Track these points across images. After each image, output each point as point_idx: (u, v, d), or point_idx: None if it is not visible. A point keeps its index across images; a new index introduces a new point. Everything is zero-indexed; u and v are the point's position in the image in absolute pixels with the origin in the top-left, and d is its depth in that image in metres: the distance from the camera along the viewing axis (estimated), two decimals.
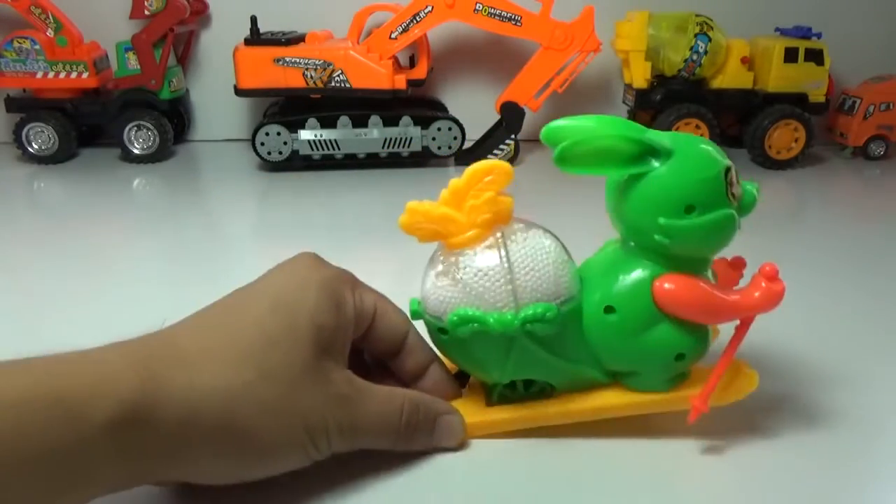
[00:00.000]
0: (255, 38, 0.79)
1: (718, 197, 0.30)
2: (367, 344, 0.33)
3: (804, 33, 0.84)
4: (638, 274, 0.32)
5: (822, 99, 0.85)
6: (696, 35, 0.81)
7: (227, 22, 0.91)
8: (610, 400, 0.33)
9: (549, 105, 0.91)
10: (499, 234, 0.31)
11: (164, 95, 0.85)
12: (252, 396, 0.27)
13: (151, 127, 0.83)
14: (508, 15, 0.79)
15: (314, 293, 0.30)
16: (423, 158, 0.83)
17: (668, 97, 0.84)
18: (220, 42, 0.90)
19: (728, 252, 0.34)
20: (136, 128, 0.83)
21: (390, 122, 0.80)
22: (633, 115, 0.94)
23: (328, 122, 0.80)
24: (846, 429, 0.35)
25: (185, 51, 0.92)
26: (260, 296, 0.30)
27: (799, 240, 0.64)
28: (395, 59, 0.82)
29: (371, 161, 0.82)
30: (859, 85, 0.90)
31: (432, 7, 0.78)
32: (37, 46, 0.81)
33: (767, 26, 0.89)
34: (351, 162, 0.81)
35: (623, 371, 0.33)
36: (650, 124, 0.89)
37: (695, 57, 0.81)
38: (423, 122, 0.81)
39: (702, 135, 0.83)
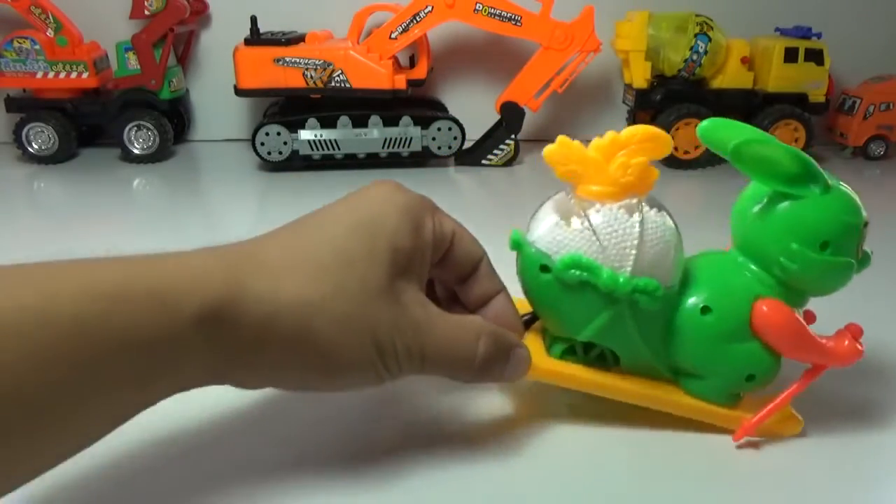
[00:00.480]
0: (255, 38, 0.79)
1: (851, 245, 0.32)
2: (441, 269, 0.33)
3: (804, 33, 0.84)
4: (743, 287, 0.32)
5: (822, 99, 0.85)
6: (696, 35, 0.81)
7: (227, 22, 0.91)
8: (667, 394, 0.34)
9: (549, 105, 0.91)
10: (637, 200, 0.31)
11: (164, 95, 0.85)
12: (326, 309, 0.28)
13: (151, 127, 0.83)
14: (508, 15, 0.79)
15: (394, 216, 0.30)
16: (423, 158, 0.83)
17: (668, 97, 0.84)
18: (220, 42, 0.90)
19: None
20: (136, 128, 0.83)
21: (390, 122, 0.80)
22: (633, 115, 0.94)
23: (328, 122, 0.80)
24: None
25: (185, 51, 0.92)
26: (340, 216, 0.31)
27: None
28: (395, 59, 0.82)
29: (371, 161, 0.82)
30: (859, 85, 0.90)
31: (432, 7, 0.78)
32: (37, 46, 0.81)
33: (767, 26, 0.89)
34: (351, 162, 0.81)
35: (691, 372, 0.34)
36: (650, 124, 0.89)
37: (695, 57, 0.81)
38: (423, 122, 0.81)
39: None
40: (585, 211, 0.31)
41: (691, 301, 0.32)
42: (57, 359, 0.23)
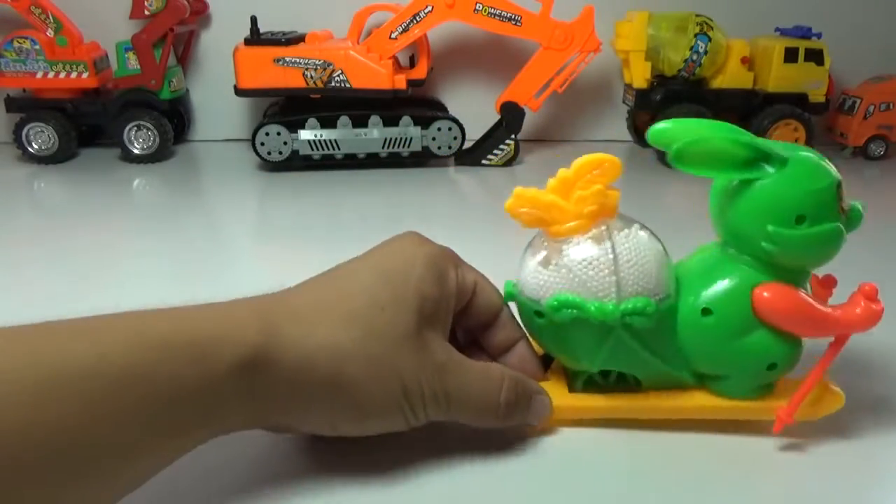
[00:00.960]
0: (255, 38, 0.79)
1: (829, 209, 0.30)
2: (464, 318, 0.35)
3: (804, 33, 0.84)
4: (738, 279, 0.32)
5: (822, 99, 0.85)
6: (696, 35, 0.81)
7: (227, 22, 0.91)
8: (695, 401, 0.34)
9: (549, 105, 0.91)
10: (604, 227, 0.32)
11: (164, 95, 0.85)
12: (358, 353, 0.29)
13: (151, 127, 0.83)
14: (508, 15, 0.79)
15: (420, 266, 0.31)
16: (423, 158, 0.83)
17: (668, 97, 0.84)
18: (220, 42, 0.90)
19: None
20: (136, 128, 0.83)
21: (390, 122, 0.80)
22: (633, 115, 0.94)
23: (328, 122, 0.80)
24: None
25: (185, 51, 0.92)
26: (369, 266, 0.32)
27: None
28: (395, 59, 0.82)
29: (371, 161, 0.82)
30: (859, 85, 0.90)
31: (432, 7, 0.78)
32: (37, 46, 0.81)
33: (767, 26, 0.89)
34: (351, 162, 0.81)
35: (712, 374, 0.33)
36: (650, 124, 0.89)
37: (695, 57, 0.81)
38: (423, 122, 0.81)
39: None
40: (559, 250, 0.32)
41: (690, 304, 0.32)
42: (109, 410, 0.24)
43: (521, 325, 0.35)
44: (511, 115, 0.83)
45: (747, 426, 0.34)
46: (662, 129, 0.31)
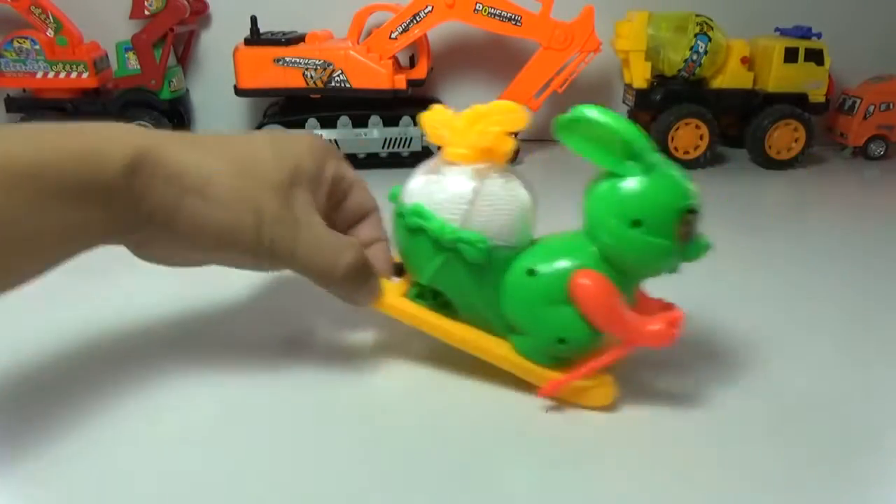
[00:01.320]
0: (255, 38, 0.79)
1: (666, 228, 0.33)
2: (339, 212, 0.40)
3: (804, 33, 0.84)
4: (572, 259, 0.35)
5: (822, 99, 0.85)
6: (696, 35, 0.81)
7: (227, 22, 0.91)
8: (494, 347, 0.37)
9: (549, 105, 0.91)
10: (486, 167, 0.35)
11: (164, 95, 0.85)
12: (226, 179, 0.33)
13: (151, 127, 0.83)
14: (508, 15, 0.79)
15: (306, 145, 0.37)
16: (423, 158, 0.82)
17: (668, 97, 0.84)
18: (220, 42, 0.90)
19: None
20: None
21: (390, 121, 0.80)
22: (632, 115, 0.94)
23: (328, 122, 0.80)
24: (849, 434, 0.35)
25: (185, 51, 0.92)
26: (261, 135, 0.38)
27: (798, 240, 0.64)
28: (395, 59, 0.82)
29: (371, 161, 0.82)
30: (859, 85, 0.90)
31: (432, 7, 0.78)
32: (37, 46, 0.81)
33: (767, 26, 0.89)
34: (351, 162, 0.81)
35: (517, 329, 0.36)
36: (650, 124, 0.89)
37: (695, 57, 0.81)
38: None
39: (701, 135, 0.83)
40: (440, 169, 0.36)
41: (524, 262, 0.36)
42: (15, 201, 0.28)
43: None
44: None
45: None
46: (573, 114, 0.35)
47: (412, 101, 0.84)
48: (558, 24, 0.79)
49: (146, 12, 0.82)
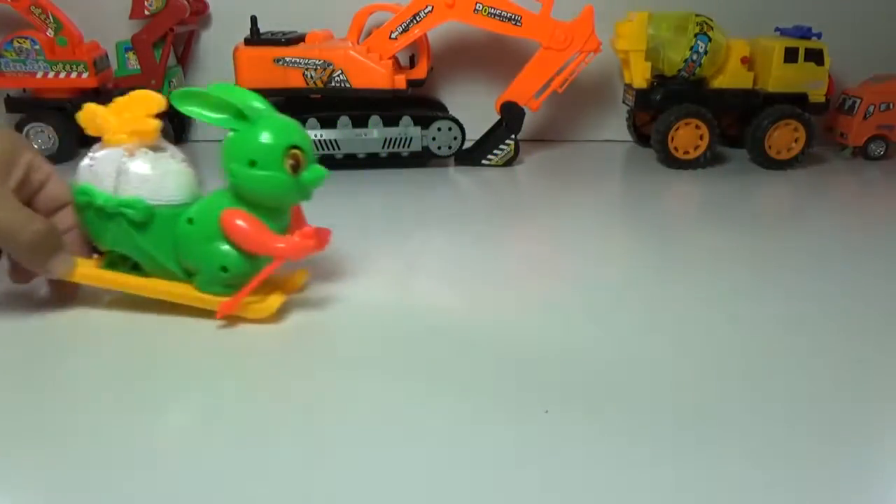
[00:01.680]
0: (255, 38, 0.79)
1: (275, 162, 0.42)
2: (36, 202, 0.44)
3: (804, 33, 0.84)
4: (217, 203, 0.43)
5: (822, 99, 0.85)
6: (696, 35, 0.81)
7: (227, 22, 0.91)
8: (178, 289, 0.45)
9: (549, 105, 0.91)
10: (135, 144, 0.43)
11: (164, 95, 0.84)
12: None
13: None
14: (508, 15, 0.79)
15: (5, 130, 0.43)
16: (423, 158, 0.83)
17: (668, 97, 0.84)
18: (220, 42, 0.90)
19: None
20: None
21: (390, 122, 0.80)
22: (633, 115, 0.95)
23: (328, 122, 0.80)
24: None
25: (185, 51, 0.92)
26: None
27: (799, 240, 0.64)
28: (395, 59, 0.82)
29: (371, 161, 0.82)
30: (859, 85, 0.90)
31: (432, 7, 0.78)
32: (37, 46, 0.81)
33: (767, 26, 0.89)
34: (351, 162, 0.81)
35: (192, 270, 0.44)
36: (650, 124, 0.89)
37: (695, 57, 0.81)
38: (424, 122, 0.81)
39: (701, 135, 0.83)
40: (96, 152, 0.44)
41: (184, 216, 0.43)
42: None
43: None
44: (511, 115, 0.83)
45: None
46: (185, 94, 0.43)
47: (412, 101, 0.84)
48: (558, 24, 0.79)
49: (146, 12, 0.82)
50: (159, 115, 0.44)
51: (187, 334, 0.44)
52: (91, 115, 0.44)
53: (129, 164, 0.43)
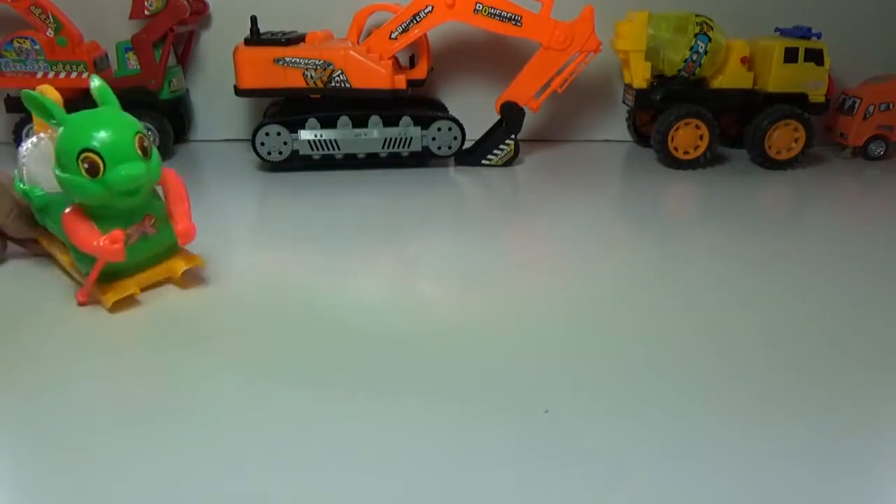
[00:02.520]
0: (255, 38, 0.79)
1: (71, 165, 0.43)
2: None
3: (804, 33, 0.84)
4: (69, 200, 0.46)
5: (822, 99, 0.85)
6: (696, 35, 0.81)
7: (227, 22, 0.91)
8: (66, 260, 0.50)
9: (549, 105, 0.91)
10: (45, 134, 0.50)
11: (164, 95, 0.85)
12: None
13: (152, 127, 0.83)
14: (509, 15, 0.79)
15: None
16: (423, 158, 0.83)
17: (668, 97, 0.84)
18: (220, 42, 0.90)
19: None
20: None
21: (390, 122, 0.80)
22: (632, 115, 0.94)
23: (328, 122, 0.80)
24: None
25: (185, 51, 0.91)
26: None
27: (798, 240, 0.64)
28: (395, 59, 0.82)
29: (371, 161, 0.82)
30: (859, 85, 0.90)
31: (432, 7, 0.78)
32: (37, 46, 0.81)
33: (767, 26, 0.89)
34: (351, 162, 0.81)
35: None
36: (650, 124, 0.89)
37: (695, 57, 0.81)
38: (424, 122, 0.81)
39: (701, 135, 0.83)
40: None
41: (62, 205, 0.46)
42: None
43: None
44: (511, 115, 0.83)
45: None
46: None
47: (412, 101, 0.84)
48: (558, 25, 0.79)
49: (146, 12, 0.82)
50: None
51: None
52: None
53: (25, 152, 0.49)
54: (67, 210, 0.45)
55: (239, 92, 0.81)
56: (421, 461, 0.33)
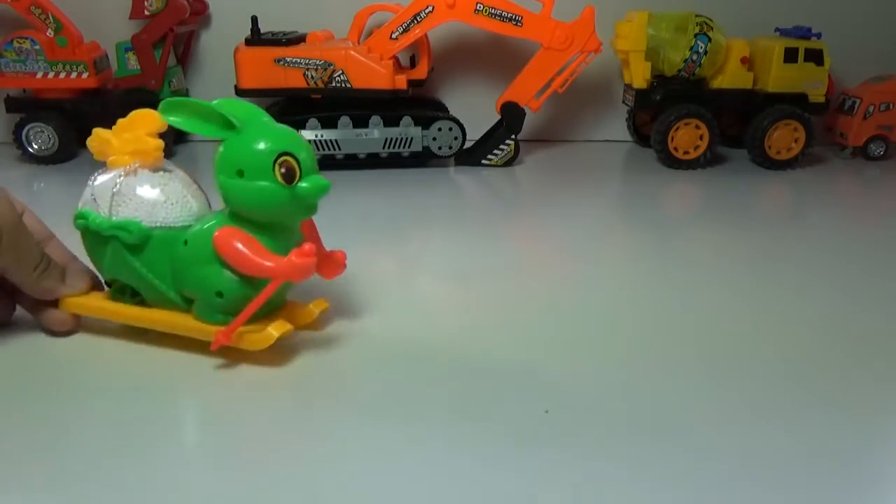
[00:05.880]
0: (256, 38, 0.79)
1: (263, 171, 0.38)
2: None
3: (804, 33, 0.84)
4: (211, 222, 0.40)
5: (821, 99, 0.85)
6: (695, 35, 0.81)
7: (227, 22, 0.91)
8: (177, 319, 0.41)
9: (550, 105, 0.91)
10: (129, 166, 0.41)
11: (164, 95, 0.85)
12: None
13: None
14: (509, 15, 0.79)
15: None
16: (423, 158, 0.83)
17: (668, 97, 0.84)
18: (220, 42, 0.90)
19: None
20: None
21: (391, 122, 0.80)
22: (632, 115, 0.95)
23: (329, 123, 0.80)
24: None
25: (185, 51, 0.91)
26: None
27: (799, 240, 0.64)
28: (396, 60, 0.82)
29: (371, 161, 0.82)
30: (859, 85, 0.90)
31: (433, 7, 0.78)
32: (37, 46, 0.81)
33: (767, 26, 0.89)
34: (351, 162, 0.81)
35: (188, 296, 0.41)
36: (650, 124, 0.89)
37: (695, 57, 0.81)
38: (424, 123, 0.81)
39: (701, 135, 0.83)
40: (97, 177, 0.41)
41: (181, 238, 0.40)
42: None
43: None
44: (511, 116, 0.83)
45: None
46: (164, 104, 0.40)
47: (413, 101, 0.84)
48: (559, 25, 0.79)
49: (146, 12, 0.82)
50: (161, 135, 0.41)
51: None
52: (97, 140, 0.42)
53: (124, 184, 0.40)
54: (222, 231, 0.39)
55: (239, 92, 0.81)
56: None
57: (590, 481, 0.31)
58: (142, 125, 0.41)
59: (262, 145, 0.38)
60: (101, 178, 0.41)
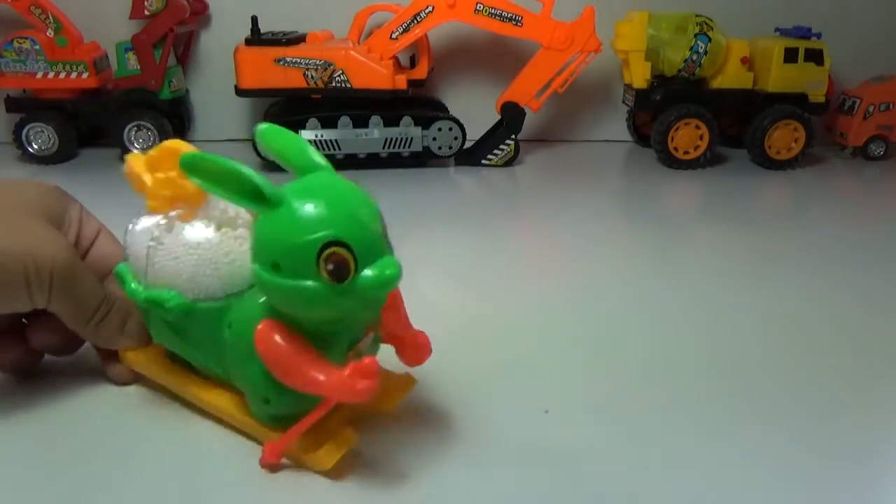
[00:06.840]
0: (256, 38, 0.79)
1: (305, 267, 0.27)
2: (87, 261, 0.37)
3: (804, 33, 0.84)
4: (256, 307, 0.31)
5: (822, 99, 0.85)
6: (695, 35, 0.81)
7: (227, 22, 0.91)
8: (223, 402, 0.34)
9: (550, 105, 0.91)
10: (166, 217, 0.32)
11: (164, 95, 0.85)
12: None
13: (151, 127, 0.83)
14: (509, 15, 0.79)
15: (45, 186, 0.37)
16: (423, 158, 0.83)
17: (668, 97, 0.84)
18: (220, 42, 0.90)
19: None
20: (136, 128, 0.83)
21: (391, 122, 0.80)
22: (633, 115, 0.95)
23: (329, 122, 0.80)
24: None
25: (185, 51, 0.91)
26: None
27: (798, 240, 0.64)
28: (396, 60, 0.82)
29: (371, 161, 0.82)
30: (859, 85, 0.90)
31: (433, 7, 0.78)
32: (37, 46, 0.81)
33: (767, 26, 0.89)
34: (351, 162, 0.81)
35: (238, 387, 0.33)
36: (650, 124, 0.89)
37: (695, 57, 0.81)
38: (424, 123, 0.81)
39: (701, 135, 0.83)
40: (137, 221, 0.33)
41: (228, 316, 0.32)
42: None
43: None
44: (511, 116, 0.83)
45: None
46: (262, 129, 0.32)
47: (413, 101, 0.84)
48: (559, 25, 0.79)
49: (146, 12, 0.82)
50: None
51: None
52: (129, 173, 0.33)
53: (158, 247, 0.32)
54: (264, 326, 0.29)
55: (239, 92, 0.81)
56: None
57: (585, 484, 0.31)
58: (173, 161, 0.31)
59: (301, 231, 0.27)
60: (141, 227, 0.33)
